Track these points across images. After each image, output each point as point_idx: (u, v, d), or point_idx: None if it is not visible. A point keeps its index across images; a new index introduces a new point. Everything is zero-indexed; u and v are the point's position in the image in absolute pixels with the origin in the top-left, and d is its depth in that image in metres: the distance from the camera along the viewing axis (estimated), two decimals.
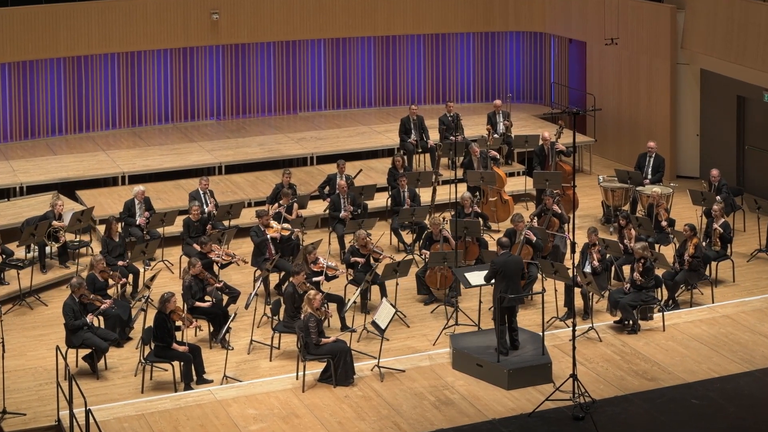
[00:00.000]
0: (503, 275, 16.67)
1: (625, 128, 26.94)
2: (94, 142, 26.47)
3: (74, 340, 17.00)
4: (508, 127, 25.57)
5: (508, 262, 16.81)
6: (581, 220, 22.75)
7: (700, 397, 15.97)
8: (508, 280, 16.65)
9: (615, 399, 15.92)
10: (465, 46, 29.63)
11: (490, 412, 15.67)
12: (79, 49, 26.45)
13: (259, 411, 15.73)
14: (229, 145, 26.15)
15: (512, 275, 16.71)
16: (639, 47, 26.33)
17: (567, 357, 16.64)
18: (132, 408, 15.80)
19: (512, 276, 16.71)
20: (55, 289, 20.13)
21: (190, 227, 20.76)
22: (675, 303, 19.11)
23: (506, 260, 16.84)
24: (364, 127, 27.52)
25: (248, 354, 17.75)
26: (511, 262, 16.81)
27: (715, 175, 22.34)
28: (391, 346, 17.91)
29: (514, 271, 16.75)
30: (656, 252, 19.30)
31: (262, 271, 19.27)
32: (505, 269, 16.70)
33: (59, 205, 20.84)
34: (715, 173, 22.36)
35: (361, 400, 15.99)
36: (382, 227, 22.03)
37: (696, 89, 25.79)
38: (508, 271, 16.70)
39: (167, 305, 16.58)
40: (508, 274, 16.68)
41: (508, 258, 16.90)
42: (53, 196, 21.49)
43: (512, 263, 16.83)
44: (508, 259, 16.89)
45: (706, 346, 17.48)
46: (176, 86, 27.75)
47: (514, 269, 16.77)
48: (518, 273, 16.86)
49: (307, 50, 28.63)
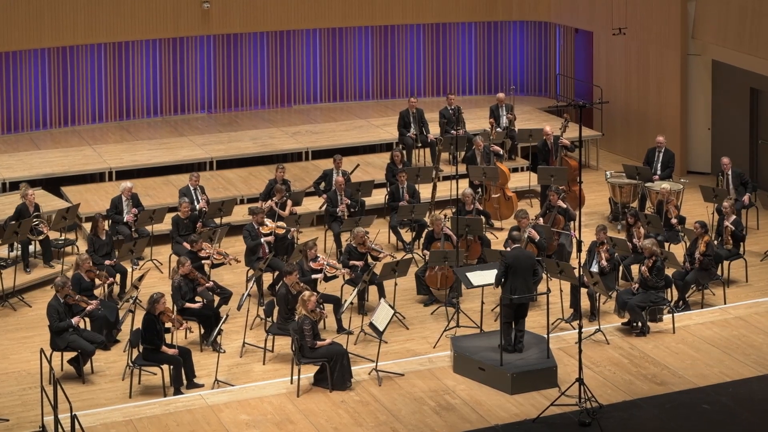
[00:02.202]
0: (515, 271, 16.60)
1: (633, 122, 26.93)
2: (79, 136, 26.45)
3: (59, 342, 16.99)
4: (511, 120, 25.57)
5: (518, 257, 16.70)
6: (588, 217, 22.75)
7: (711, 402, 15.97)
8: (520, 277, 16.59)
9: (623, 404, 15.92)
10: (467, 36, 29.61)
11: (493, 417, 15.67)
12: (65, 39, 26.43)
13: (252, 416, 15.72)
14: (221, 139, 26.14)
15: (525, 271, 16.63)
16: (648, 37, 26.32)
17: (573, 360, 16.63)
18: (119, 413, 15.79)
19: (524, 272, 16.63)
20: (39, 290, 20.13)
21: (180, 225, 20.76)
22: (685, 304, 19.12)
23: (518, 254, 16.74)
24: (361, 121, 27.52)
25: (240, 357, 17.75)
26: (522, 257, 16.71)
27: (725, 162, 22.31)
28: (390, 349, 17.91)
29: (526, 266, 16.66)
30: (666, 251, 19.30)
31: (255, 271, 19.26)
32: (517, 264, 16.61)
33: (30, 195, 20.77)
34: (725, 161, 22.34)
35: (359, 406, 15.99)
36: (379, 225, 22.03)
37: (707, 81, 25.79)
38: (521, 266, 16.60)
39: (156, 306, 16.58)
40: (521, 270, 16.60)
41: (519, 252, 16.82)
42: (23, 187, 21.31)
43: (524, 257, 16.71)
44: (520, 253, 16.80)
45: (718, 349, 17.48)
46: (165, 78, 27.74)
47: (527, 264, 16.67)
48: (530, 269, 16.77)
49: (302, 40, 28.62)
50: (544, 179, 22.45)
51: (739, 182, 22.21)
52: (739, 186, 22.17)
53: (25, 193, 20.87)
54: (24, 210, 20.54)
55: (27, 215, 20.38)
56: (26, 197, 20.75)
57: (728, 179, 22.32)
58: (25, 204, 20.65)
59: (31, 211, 20.56)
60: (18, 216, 20.43)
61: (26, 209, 20.56)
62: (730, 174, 22.34)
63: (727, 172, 22.33)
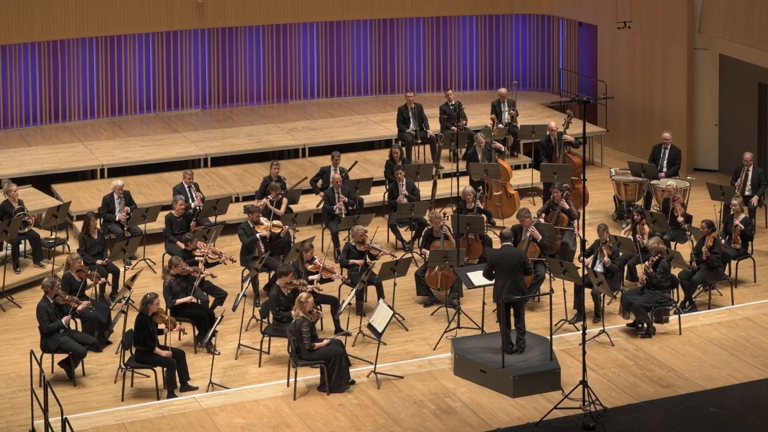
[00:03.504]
0: (501, 270, 16.66)
1: (638, 118, 26.93)
2: (71, 132, 26.44)
3: (50, 344, 16.98)
4: (513, 116, 25.57)
5: (504, 255, 16.79)
6: (592, 215, 22.76)
7: (719, 405, 15.97)
8: (506, 276, 16.63)
9: (628, 407, 15.92)
10: (467, 29, 29.62)
11: (495, 421, 15.67)
12: (55, 33, 26.42)
13: (247, 420, 15.72)
14: (216, 135, 26.14)
15: (510, 270, 16.67)
16: (654, 31, 26.32)
17: (577, 362, 16.64)
18: (111, 417, 15.78)
19: (510, 271, 16.66)
20: (29, 290, 20.12)
21: (174, 224, 20.75)
22: (692, 304, 19.11)
23: (502, 254, 16.83)
24: (359, 117, 27.52)
25: (236, 359, 17.74)
26: (507, 256, 16.77)
27: (748, 158, 22.13)
28: (389, 351, 17.91)
29: (511, 265, 16.70)
30: (672, 250, 19.29)
31: (250, 271, 19.26)
32: (501, 263, 16.68)
33: (14, 191, 20.77)
34: (748, 157, 22.15)
35: (357, 409, 15.98)
36: (378, 223, 22.02)
37: (715, 76, 25.79)
38: (504, 265, 16.67)
39: (150, 307, 16.57)
40: (505, 269, 16.65)
41: (505, 251, 16.87)
42: (5, 183, 21.29)
43: (509, 257, 16.77)
44: (505, 252, 16.86)
45: (726, 351, 17.48)
46: (159, 73, 27.73)
47: (511, 264, 16.71)
48: (516, 267, 16.78)
49: (299, 34, 28.62)
50: (547, 177, 22.41)
51: (757, 181, 22.04)
52: (756, 185, 22.00)
53: (8, 189, 20.88)
54: (7, 206, 20.55)
55: (10, 211, 20.41)
56: (9, 193, 20.76)
57: (747, 176, 22.24)
58: (8, 201, 20.65)
59: (15, 207, 20.57)
60: (1, 213, 20.44)
61: (9, 206, 20.58)
62: (751, 171, 22.25)
63: (748, 168, 22.21)
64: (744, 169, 22.18)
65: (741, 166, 22.24)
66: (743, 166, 22.19)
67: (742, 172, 22.18)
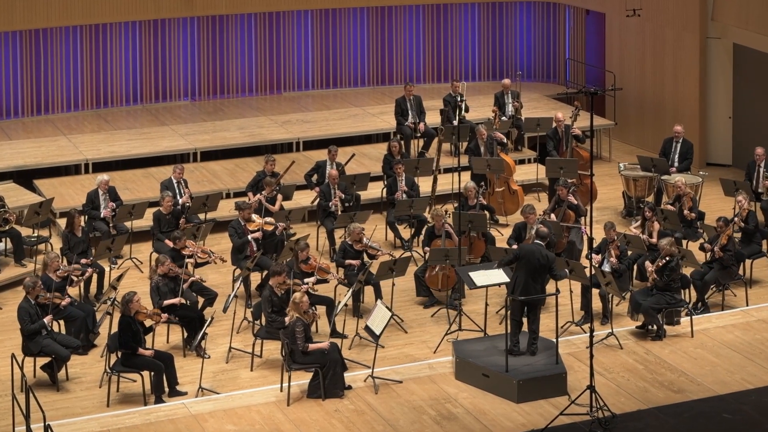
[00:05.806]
0: (524, 266, 16.60)
1: (648, 110, 26.95)
2: (53, 125, 26.45)
3: (32, 347, 16.98)
4: (517, 108, 25.57)
5: (534, 252, 16.69)
6: (600, 212, 22.77)
7: (732, 411, 15.99)
8: (527, 273, 16.58)
9: (637, 413, 15.94)
10: (469, 17, 29.63)
11: (498, 427, 15.69)
12: (37, 22, 26.41)
13: (238, 426, 15.73)
14: (206, 128, 26.15)
15: (534, 269, 16.61)
16: (664, 19, 26.33)
17: (584, 366, 16.65)
18: (96, 423, 15.80)
19: (534, 270, 16.60)
20: (10, 290, 20.13)
21: (162, 221, 20.76)
22: (705, 306, 19.13)
23: (533, 250, 16.74)
24: (356, 109, 27.53)
25: (226, 363, 17.76)
26: (537, 254, 16.68)
27: (760, 153, 22.17)
28: (387, 354, 17.92)
29: (537, 265, 16.64)
30: (684, 248, 19.31)
31: (242, 270, 19.26)
32: (529, 258, 16.62)
33: None
34: (760, 152, 22.19)
35: (353, 415, 16.00)
36: (376, 221, 22.03)
37: (728, 66, 25.80)
38: (531, 261, 16.62)
39: (130, 306, 16.58)
40: (530, 267, 16.60)
41: (536, 248, 16.77)
42: None
43: (539, 255, 16.68)
44: (536, 249, 16.75)
45: (740, 354, 17.50)
46: (146, 63, 27.73)
47: (539, 264, 16.65)
48: (542, 269, 16.74)
49: (293, 22, 28.62)
50: (553, 172, 22.39)
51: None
52: None
53: None
54: None
55: None
56: None
57: (760, 171, 22.22)
58: None
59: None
60: None
61: None
62: (763, 166, 22.24)
63: (760, 164, 22.22)
64: (756, 165, 22.19)
65: (753, 162, 22.27)
66: (755, 162, 22.22)
67: (755, 167, 22.19)
